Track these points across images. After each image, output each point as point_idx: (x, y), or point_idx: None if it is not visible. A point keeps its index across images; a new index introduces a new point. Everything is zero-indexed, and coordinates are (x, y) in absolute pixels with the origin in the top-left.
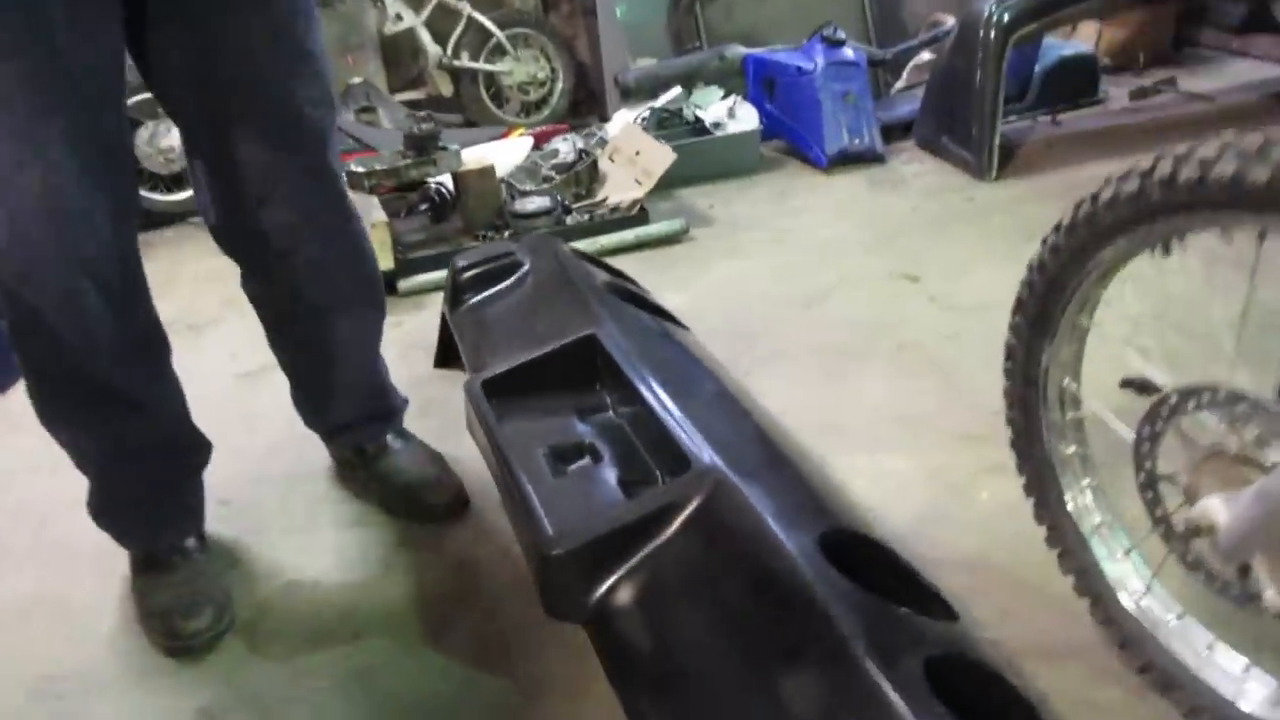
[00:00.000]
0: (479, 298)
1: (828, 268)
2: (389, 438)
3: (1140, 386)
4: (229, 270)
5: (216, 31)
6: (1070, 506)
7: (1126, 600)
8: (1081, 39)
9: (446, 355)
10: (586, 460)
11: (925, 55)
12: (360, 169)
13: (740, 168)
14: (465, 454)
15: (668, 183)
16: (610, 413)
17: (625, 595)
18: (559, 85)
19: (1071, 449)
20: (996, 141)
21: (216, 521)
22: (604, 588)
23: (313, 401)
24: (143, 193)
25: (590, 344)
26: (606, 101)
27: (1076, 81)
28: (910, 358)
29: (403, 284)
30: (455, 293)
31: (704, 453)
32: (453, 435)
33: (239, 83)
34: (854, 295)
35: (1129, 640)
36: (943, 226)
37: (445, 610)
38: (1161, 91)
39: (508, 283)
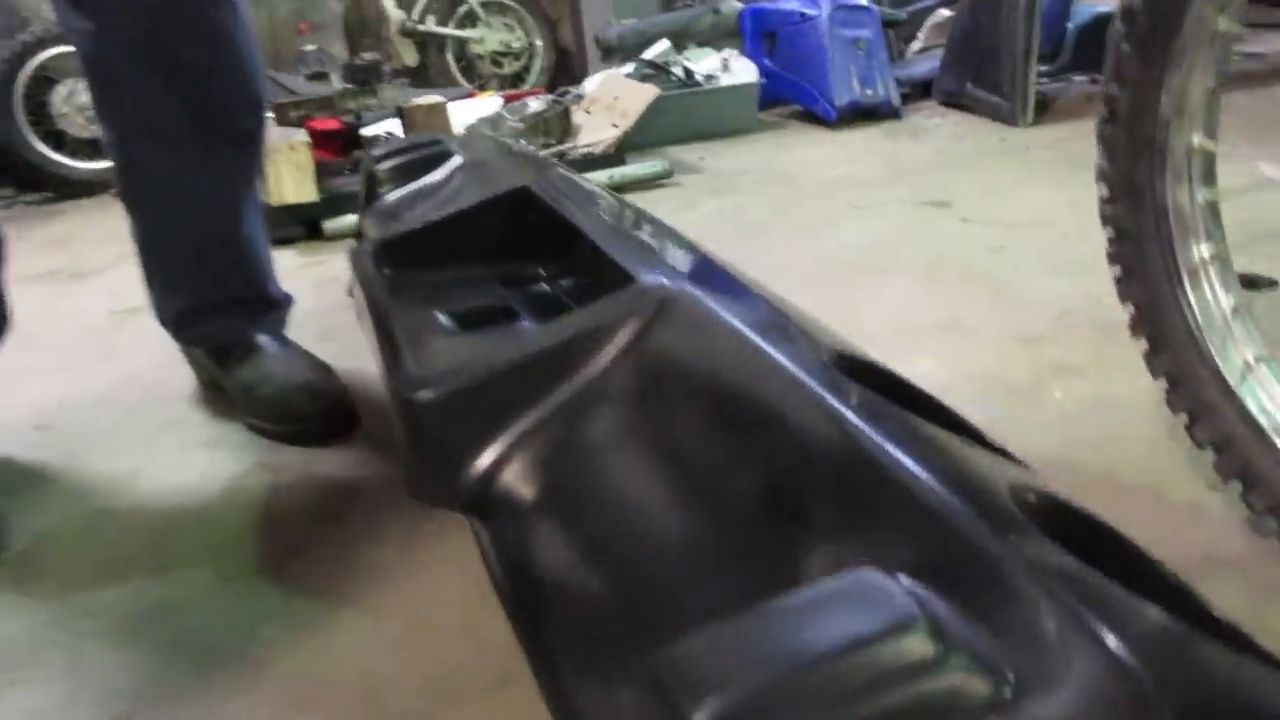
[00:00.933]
0: (398, 194)
1: (837, 200)
2: (260, 337)
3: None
4: None
5: None
6: (1209, 337)
7: None
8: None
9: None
10: (502, 323)
11: (943, 13)
12: (287, 85)
13: (736, 125)
14: (366, 375)
15: (654, 141)
16: (544, 285)
17: (527, 465)
18: (537, 61)
19: (1207, 246)
20: (1032, 83)
21: (26, 448)
22: (493, 455)
23: (159, 270)
24: (60, 158)
25: (522, 201)
26: (586, 73)
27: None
28: (946, 271)
29: (329, 224)
30: (369, 189)
31: (651, 272)
32: (354, 358)
33: None
34: (871, 220)
35: None
36: (973, 162)
37: (295, 540)
38: None
39: (436, 176)
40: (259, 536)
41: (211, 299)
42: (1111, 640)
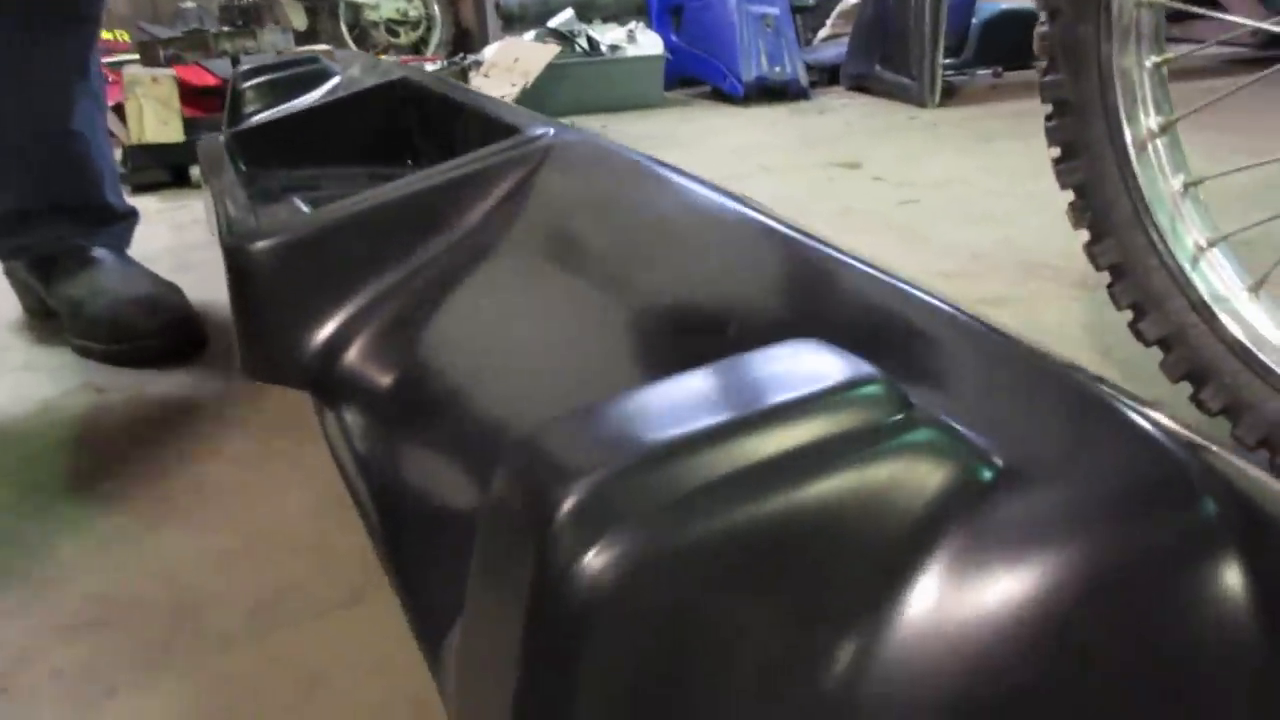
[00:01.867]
0: (267, 116)
1: (744, 163)
2: (95, 250)
3: None
4: None
5: None
6: (1157, 219)
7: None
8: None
9: None
10: None
11: (850, 1)
12: (156, 35)
13: (641, 99)
14: (224, 307)
15: (555, 111)
16: None
17: (384, 332)
18: (435, 33)
19: (1156, 118)
20: (939, 65)
21: None
22: (344, 319)
23: None
24: None
25: (399, 91)
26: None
27: (1018, 38)
28: (859, 220)
29: (197, 170)
30: (234, 110)
31: (540, 125)
32: (214, 290)
33: None
34: (780, 180)
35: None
36: (883, 134)
37: (114, 455)
38: None
39: (311, 96)
40: (72, 454)
41: (34, 202)
42: (1147, 429)
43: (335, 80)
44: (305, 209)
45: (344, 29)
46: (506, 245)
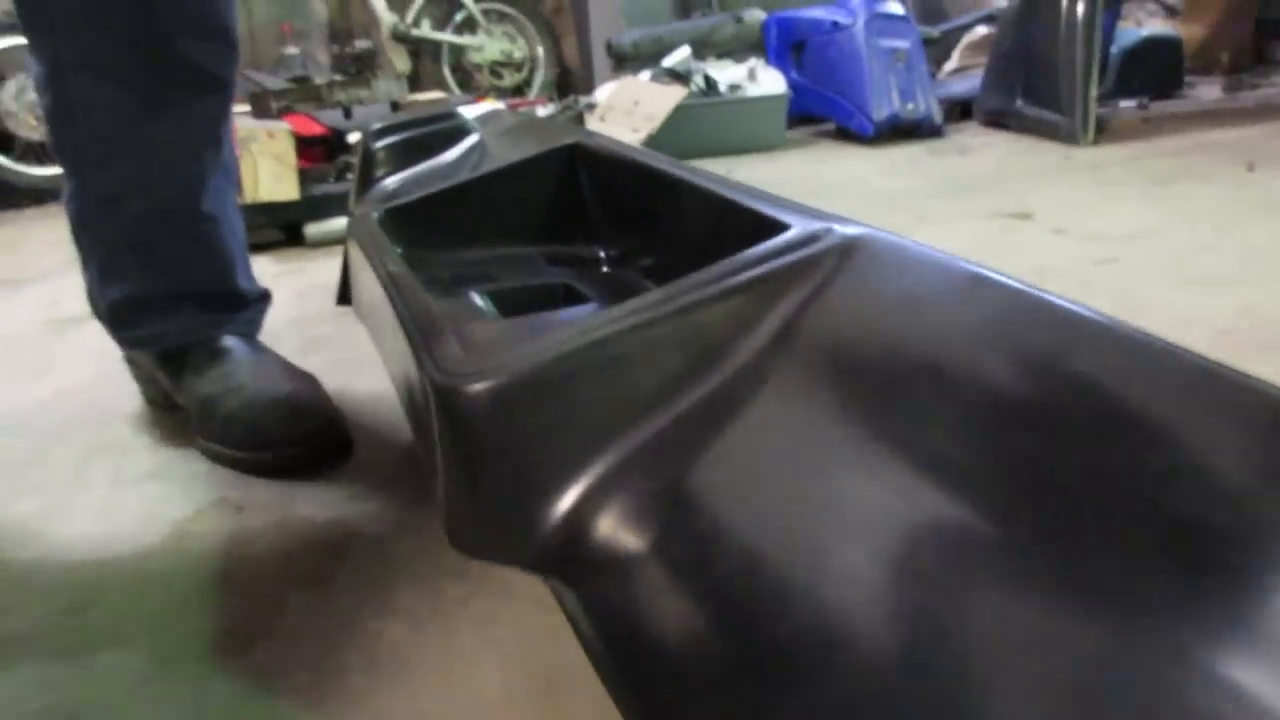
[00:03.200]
0: (401, 176)
1: (898, 211)
2: (225, 339)
3: None
4: None
5: None
6: None
7: None
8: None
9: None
10: (564, 308)
11: (980, 31)
12: (265, 85)
13: (763, 140)
14: (361, 393)
15: (673, 153)
16: (609, 267)
17: (643, 498)
18: (539, 74)
19: None
20: (1093, 99)
21: None
22: (591, 482)
23: (95, 247)
24: (5, 162)
25: (569, 158)
26: (594, 85)
27: (1160, 67)
28: (1056, 282)
29: (311, 228)
30: (366, 171)
31: (805, 218)
32: (346, 373)
33: None
34: (947, 231)
35: None
36: (1040, 177)
37: (263, 610)
38: (1259, 86)
39: (450, 155)
40: (216, 602)
41: (162, 289)
42: None
43: (474, 138)
44: (489, 309)
45: (446, 71)
46: (804, 380)
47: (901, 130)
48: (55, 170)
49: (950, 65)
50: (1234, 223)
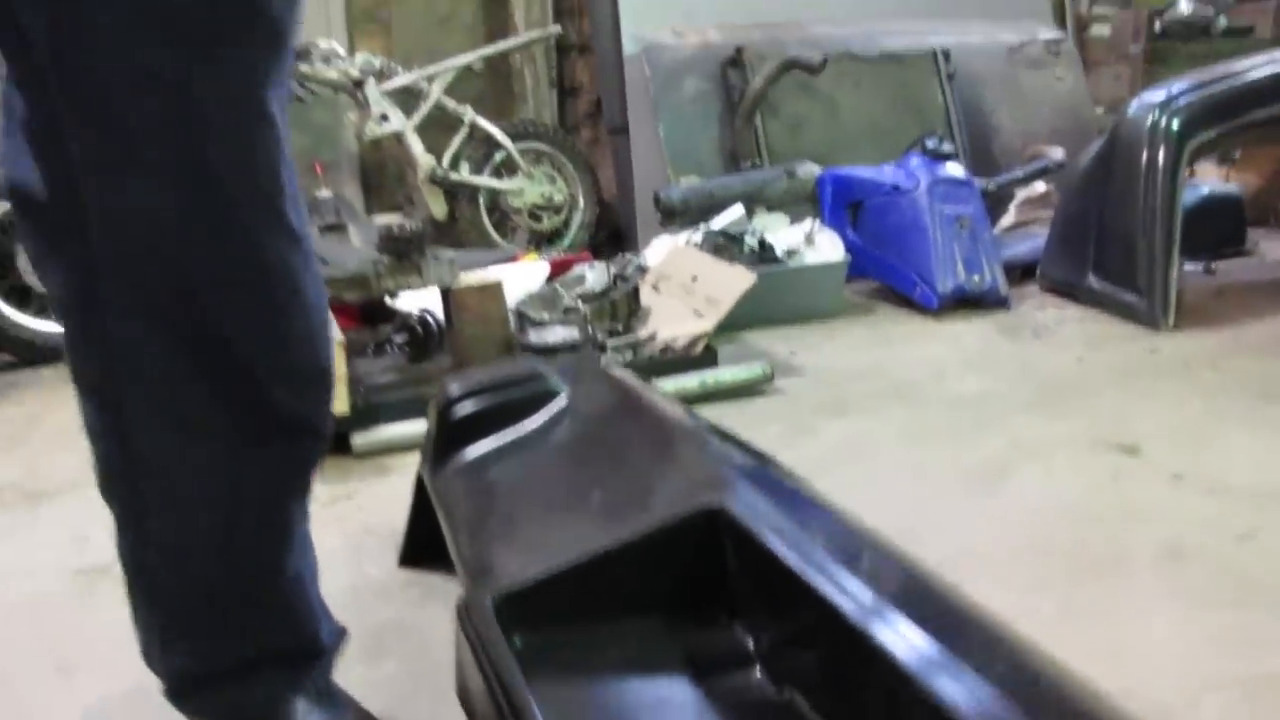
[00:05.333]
0: (483, 449)
1: (988, 432)
2: (299, 701)
3: None
4: None
5: None
6: None
7: None
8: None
9: (421, 547)
10: None
11: (1039, 187)
12: None
13: (821, 309)
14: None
15: (728, 323)
16: (758, 671)
17: None
18: (577, 215)
19: None
20: (1174, 281)
21: None
22: None
23: (157, 609)
24: (22, 319)
25: (713, 525)
26: (638, 235)
27: (1223, 226)
28: (1198, 573)
29: (359, 438)
30: (443, 440)
31: None
32: (426, 694)
33: None
34: (1048, 471)
35: None
36: (1133, 382)
37: None
38: None
39: (532, 424)
40: None
41: (236, 655)
42: None
43: (562, 402)
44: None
45: (484, 215)
46: None
47: (965, 299)
48: None
49: (1006, 221)
50: None
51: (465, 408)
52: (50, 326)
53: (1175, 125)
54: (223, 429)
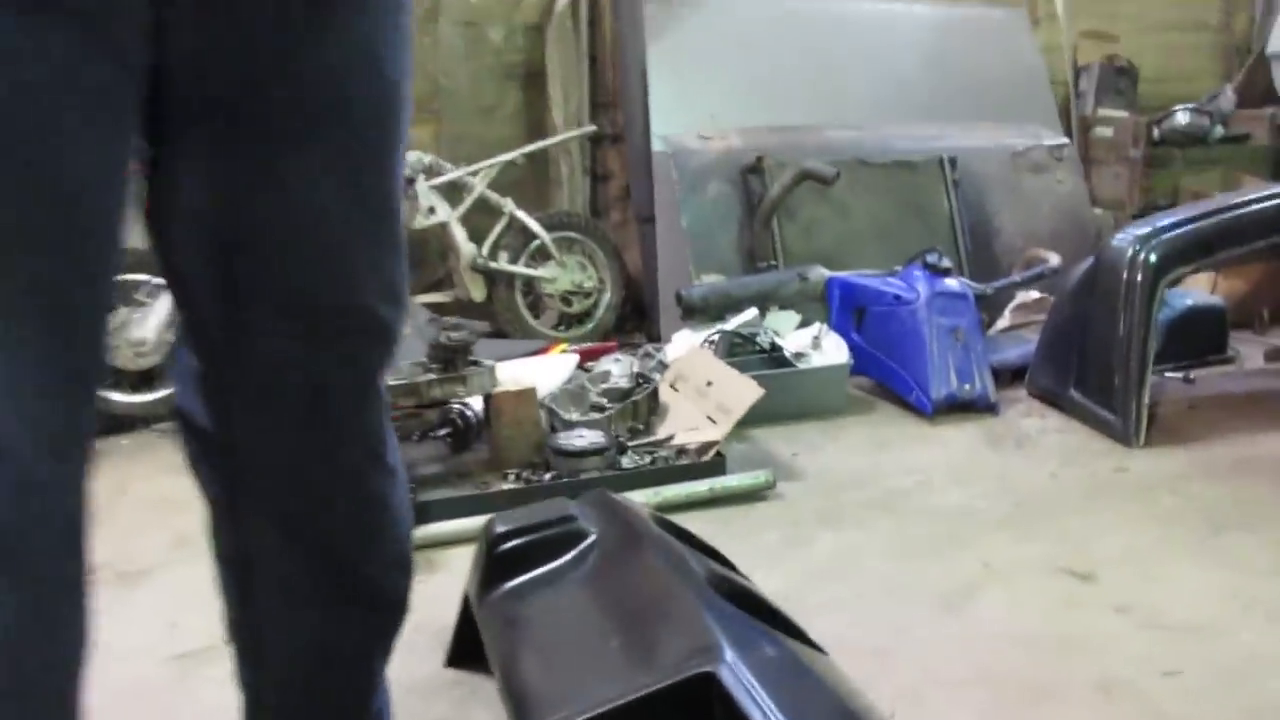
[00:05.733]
0: (522, 579)
1: (964, 551)
2: None
3: None
4: (187, 498)
5: (267, 166)
6: None
7: None
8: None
9: (464, 650)
10: None
11: (1031, 295)
12: None
13: (825, 407)
14: None
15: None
16: None
17: None
18: (605, 297)
19: None
20: (1145, 402)
21: None
22: None
23: None
24: (104, 392)
25: (706, 689)
26: (660, 320)
27: (1205, 335)
28: (1125, 709)
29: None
30: (489, 572)
31: None
32: None
33: (286, 248)
34: (1010, 596)
35: None
36: (1098, 504)
37: None
38: None
39: (564, 559)
40: None
41: None
42: None
43: (590, 540)
44: None
45: (519, 299)
46: None
47: (957, 405)
48: (152, 397)
49: (1001, 324)
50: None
51: (508, 545)
52: (128, 398)
53: (1153, 259)
54: (322, 600)
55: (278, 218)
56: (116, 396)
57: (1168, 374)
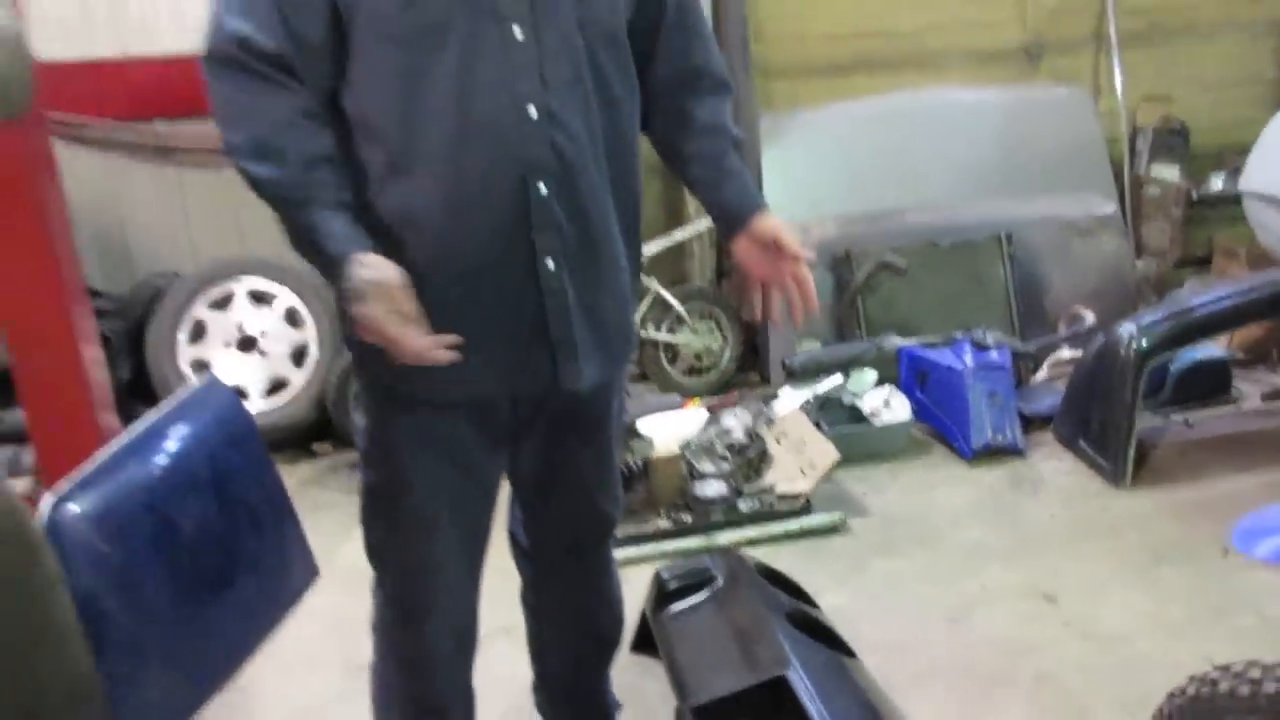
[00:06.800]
0: (678, 608)
1: (972, 577)
2: None
3: None
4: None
5: (563, 450)
6: None
7: None
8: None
9: (643, 642)
10: None
11: (1064, 354)
12: None
13: (890, 450)
14: None
15: None
16: None
17: None
18: (727, 352)
19: None
20: (1131, 453)
21: None
22: None
23: None
24: None
25: (780, 687)
26: (769, 363)
27: (1210, 382)
28: (1046, 693)
29: None
30: (657, 601)
31: None
32: None
33: (568, 486)
34: (995, 612)
35: None
36: (1079, 539)
37: None
38: None
39: (702, 596)
40: None
41: None
42: None
43: (718, 584)
44: None
45: (662, 357)
46: None
47: (992, 450)
48: None
49: (1040, 375)
50: (1182, 631)
51: (669, 587)
52: None
53: (1143, 345)
54: (579, 636)
55: (567, 473)
56: None
57: (1172, 417)
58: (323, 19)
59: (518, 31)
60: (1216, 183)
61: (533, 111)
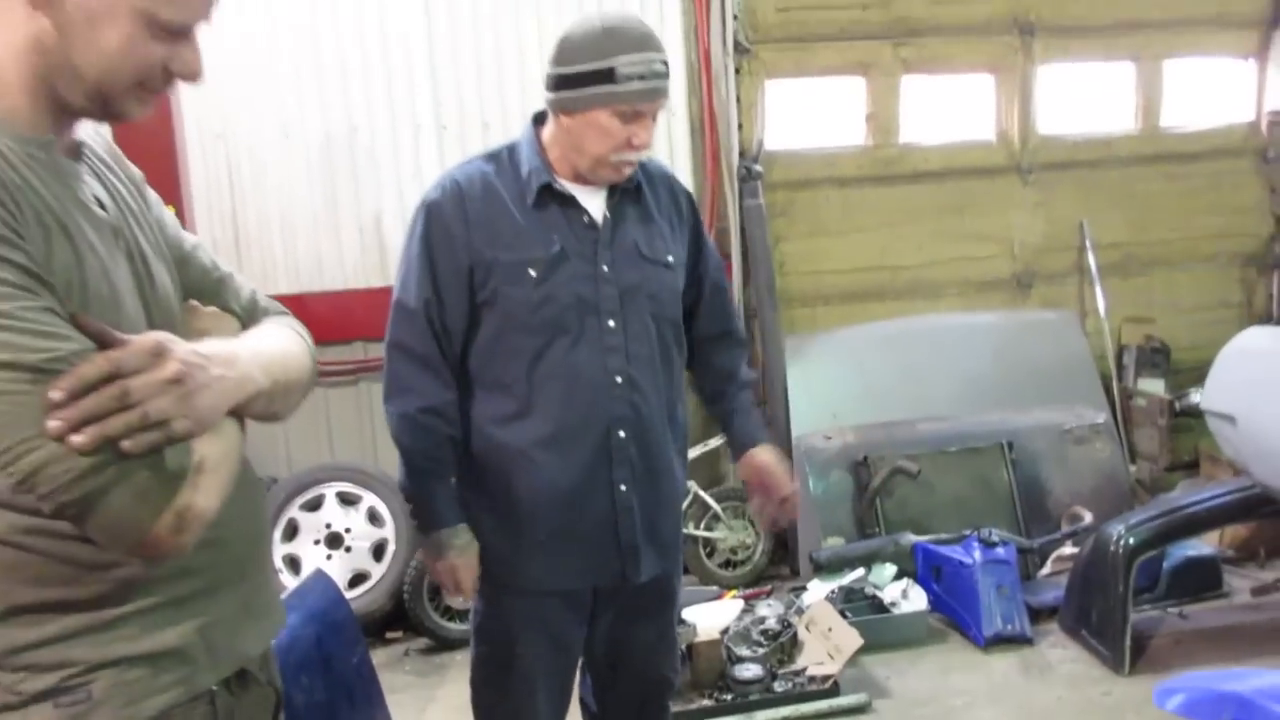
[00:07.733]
0: None
1: None
2: None
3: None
4: None
5: (632, 626)
6: None
7: None
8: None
9: None
10: None
11: (1066, 550)
12: None
13: (909, 638)
14: None
15: None
16: None
17: None
18: (759, 545)
19: None
20: (1128, 642)
21: None
22: None
23: None
24: (440, 620)
25: None
26: (799, 553)
27: (1201, 578)
28: None
29: None
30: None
31: None
32: None
33: (633, 658)
34: None
35: None
36: None
37: None
38: None
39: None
40: None
41: None
42: None
43: None
44: None
45: (701, 552)
46: None
47: (1003, 638)
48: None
49: (1045, 570)
50: None
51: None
52: (452, 625)
53: (1131, 542)
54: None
55: (634, 647)
56: (447, 624)
57: (1167, 610)
58: (463, 316)
59: (612, 323)
60: (1195, 396)
61: (619, 379)
